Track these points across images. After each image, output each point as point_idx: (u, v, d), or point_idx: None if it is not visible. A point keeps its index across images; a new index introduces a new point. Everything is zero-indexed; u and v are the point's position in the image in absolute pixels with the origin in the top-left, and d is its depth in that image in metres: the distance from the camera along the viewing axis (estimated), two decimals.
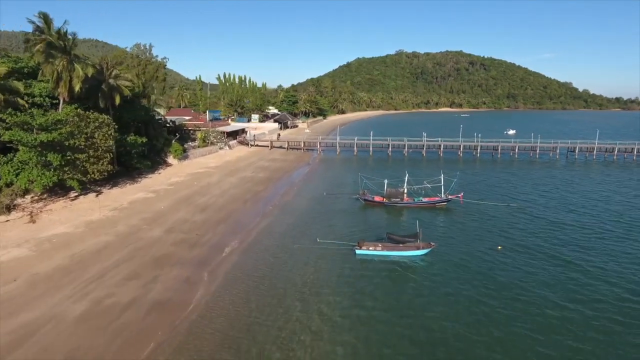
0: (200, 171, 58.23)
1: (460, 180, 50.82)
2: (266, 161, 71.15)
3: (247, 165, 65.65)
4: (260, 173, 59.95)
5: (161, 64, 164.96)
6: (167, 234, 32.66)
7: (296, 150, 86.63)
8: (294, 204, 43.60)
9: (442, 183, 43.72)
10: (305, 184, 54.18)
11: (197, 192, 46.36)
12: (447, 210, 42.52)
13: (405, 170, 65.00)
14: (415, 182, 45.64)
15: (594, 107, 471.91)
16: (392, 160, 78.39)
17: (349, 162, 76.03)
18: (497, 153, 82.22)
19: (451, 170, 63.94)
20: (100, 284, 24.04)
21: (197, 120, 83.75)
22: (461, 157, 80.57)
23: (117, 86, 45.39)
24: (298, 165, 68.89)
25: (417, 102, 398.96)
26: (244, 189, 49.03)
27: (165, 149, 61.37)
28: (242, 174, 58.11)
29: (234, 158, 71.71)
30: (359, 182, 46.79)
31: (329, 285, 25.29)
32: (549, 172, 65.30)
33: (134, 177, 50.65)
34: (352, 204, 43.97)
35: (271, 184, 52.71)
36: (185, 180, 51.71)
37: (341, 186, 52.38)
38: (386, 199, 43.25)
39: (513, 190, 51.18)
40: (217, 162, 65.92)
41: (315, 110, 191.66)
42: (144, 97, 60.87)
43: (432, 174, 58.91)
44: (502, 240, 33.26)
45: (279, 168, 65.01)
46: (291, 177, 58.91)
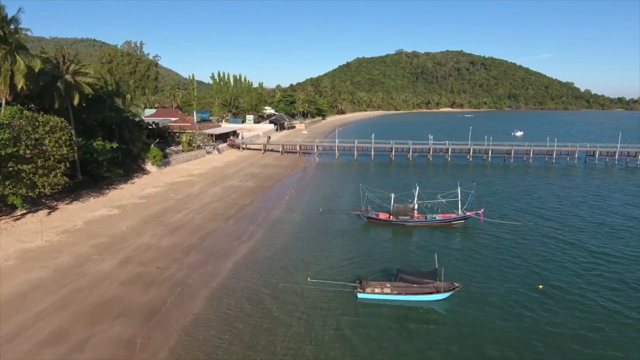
0: (180, 180, 51.57)
1: (475, 191, 44.24)
2: (257, 167, 64.51)
3: (236, 172, 59.02)
4: (249, 181, 53.31)
5: (152, 62, 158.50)
6: (121, 267, 26.00)
7: (292, 154, 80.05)
8: (283, 222, 36.94)
9: (459, 197, 37.09)
10: (298, 195, 47.54)
11: (172, 207, 39.70)
12: (465, 230, 35.91)
13: (411, 176, 58.93)
14: (427, 196, 38.95)
15: (596, 107, 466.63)
16: (395, 166, 71.78)
17: (348, 167, 69.42)
18: (509, 157, 75.64)
19: (461, 177, 57.48)
20: (6, 353, 17.39)
21: (184, 122, 77.04)
22: (471, 162, 73.97)
23: (76, 83, 38.70)
24: (292, 172, 62.25)
25: (417, 102, 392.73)
26: (228, 202, 42.38)
27: (143, 155, 54.70)
28: (229, 183, 51.46)
29: (222, 163, 65.04)
30: (360, 194, 40.12)
31: (320, 349, 18.65)
32: (570, 180, 58.56)
33: (101, 189, 43.99)
34: (353, 222, 37.32)
35: (260, 195, 46.06)
36: (161, 192, 45.05)
37: (339, 199, 45.72)
38: (393, 217, 36.61)
39: (536, 204, 44.47)
40: (202, 169, 59.26)
41: (314, 111, 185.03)
42: (118, 96, 54.19)
43: (441, 182, 52.57)
44: (538, 274, 26.63)
45: (270, 175, 58.37)
46: (283, 186, 52.28)
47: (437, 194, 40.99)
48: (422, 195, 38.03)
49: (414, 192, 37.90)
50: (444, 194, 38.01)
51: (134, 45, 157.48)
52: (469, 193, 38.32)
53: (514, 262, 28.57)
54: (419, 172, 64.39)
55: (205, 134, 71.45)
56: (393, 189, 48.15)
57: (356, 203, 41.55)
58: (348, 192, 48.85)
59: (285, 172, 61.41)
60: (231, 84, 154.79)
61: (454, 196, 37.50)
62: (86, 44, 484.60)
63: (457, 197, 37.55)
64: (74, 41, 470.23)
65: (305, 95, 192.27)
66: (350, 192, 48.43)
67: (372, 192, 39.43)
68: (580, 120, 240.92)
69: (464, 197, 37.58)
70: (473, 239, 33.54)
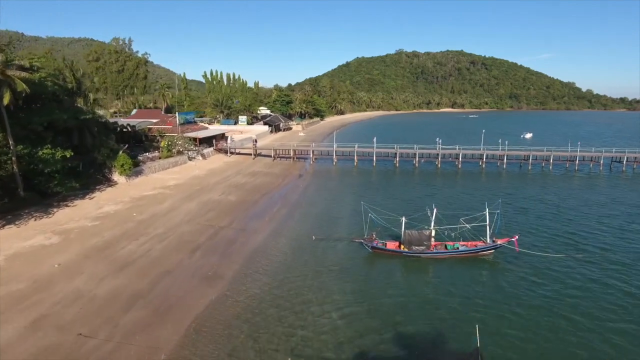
0: (151, 193, 43.96)
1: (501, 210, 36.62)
2: (244, 176, 56.90)
3: (218, 183, 51.41)
4: (231, 194, 45.72)
5: (142, 60, 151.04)
6: (27, 336, 18.42)
7: (285, 159, 72.46)
8: (265, 253, 29.31)
9: (487, 222, 29.55)
10: (288, 213, 39.93)
11: (129, 232, 32.09)
12: (498, 265, 28.36)
13: (418, 187, 51.10)
14: (444, 216, 31.32)
15: (598, 108, 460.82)
16: (400, 174, 64.21)
17: (347, 176, 61.83)
18: (526, 164, 68.13)
19: (476, 188, 49.98)
20: None
21: (165, 124, 69.41)
22: (484, 170, 66.43)
23: (5, 78, 31.02)
24: (284, 182, 54.65)
25: (418, 103, 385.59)
26: (201, 224, 34.78)
27: (109, 164, 47.08)
28: (207, 197, 43.86)
29: (205, 172, 57.40)
30: (361, 212, 32.51)
31: None
32: (607, 193, 50.44)
33: (48, 207, 36.36)
34: (354, 253, 29.73)
35: (242, 214, 38.46)
36: (122, 210, 37.41)
37: (337, 220, 37.99)
38: (405, 247, 29.08)
39: (573, 225, 36.80)
40: (179, 179, 51.64)
41: (312, 111, 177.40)
42: (79, 95, 46.58)
43: (455, 195, 44.40)
44: (613, 345, 19.15)
45: (258, 186, 50.76)
46: (272, 200, 44.69)
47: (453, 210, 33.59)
48: (440, 218, 30.46)
49: (428, 214, 30.35)
50: (468, 216, 30.45)
51: (123, 43, 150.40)
52: (494, 213, 30.74)
53: (569, 318, 21.03)
54: (426, 182, 56.85)
55: (187, 137, 63.70)
56: (401, 206, 40.99)
57: (357, 225, 34.02)
58: (347, 209, 41.27)
59: (275, 182, 53.80)
60: (224, 83, 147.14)
61: (479, 218, 29.95)
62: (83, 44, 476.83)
63: (483, 220, 30.05)
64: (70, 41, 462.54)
65: (303, 95, 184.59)
66: (350, 209, 40.88)
67: (376, 212, 31.80)
68: (586, 121, 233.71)
69: (490, 218, 30.04)
70: (506, 279, 25.95)
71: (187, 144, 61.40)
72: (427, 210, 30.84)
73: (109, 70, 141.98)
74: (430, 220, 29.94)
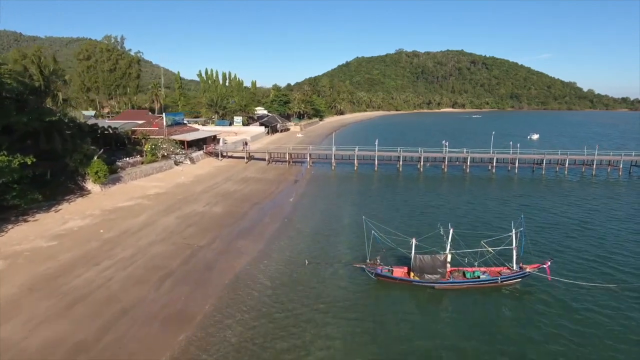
0: (126, 204, 39.20)
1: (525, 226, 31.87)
2: (235, 182, 52.16)
3: (205, 191, 46.68)
4: (218, 205, 40.97)
5: (135, 59, 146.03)
6: None
7: (281, 163, 67.73)
8: (248, 285, 24.44)
9: (514, 245, 24.83)
10: (280, 228, 35.15)
11: (91, 254, 27.32)
12: (525, 296, 23.63)
13: (424, 194, 45.95)
14: (462, 238, 26.58)
15: (600, 108, 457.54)
16: (403, 179, 59.51)
17: (347, 182, 57.09)
18: (539, 168, 63.44)
19: (484, 195, 45.08)
20: None
21: (151, 126, 64.63)
22: (494, 175, 61.70)
23: None
24: (277, 189, 49.90)
25: (418, 103, 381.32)
26: (178, 243, 30.03)
27: (82, 170, 42.33)
28: (190, 208, 39.10)
29: (191, 178, 52.65)
30: (363, 228, 27.76)
31: None
32: (634, 202, 46.09)
33: (2, 223, 31.60)
34: (354, 283, 24.95)
35: (226, 230, 33.70)
36: (88, 227, 32.65)
37: (335, 237, 33.13)
38: (416, 275, 24.32)
39: (607, 246, 31.85)
40: (162, 187, 46.90)
41: (311, 111, 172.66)
42: (47, 94, 41.85)
43: (466, 205, 38.84)
44: None
45: (248, 195, 46.03)
46: (262, 212, 39.93)
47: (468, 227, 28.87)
48: (456, 239, 25.71)
49: (441, 232, 25.63)
50: (488, 237, 25.71)
51: (115, 41, 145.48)
52: (515, 228, 25.98)
53: None
54: (433, 189, 52.13)
55: (173, 140, 58.88)
56: (407, 220, 36.24)
57: (358, 245, 29.32)
58: (347, 223, 36.50)
59: (268, 190, 49.05)
60: (219, 82, 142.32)
61: (505, 241, 25.22)
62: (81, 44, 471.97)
63: (508, 241, 25.36)
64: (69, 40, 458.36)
65: (302, 94, 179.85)
66: (350, 223, 36.13)
67: (380, 229, 27.02)
68: (589, 121, 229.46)
69: (509, 236, 25.32)
70: (550, 320, 21.15)
71: (174, 147, 56.57)
72: (439, 228, 26.18)
73: (101, 69, 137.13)
74: (444, 242, 25.24)
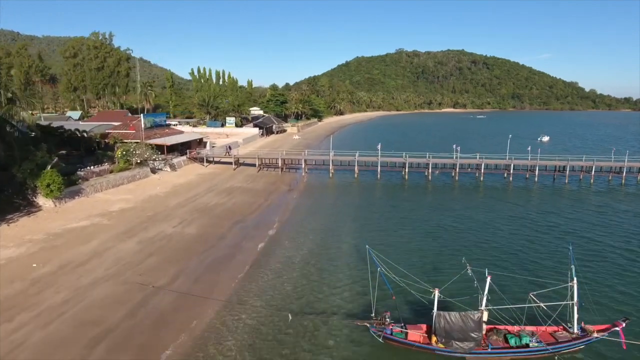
0: (80, 225, 32.50)
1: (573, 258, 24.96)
2: (218, 193, 45.52)
3: (181, 205, 40.00)
4: (193, 224, 34.30)
5: (124, 56, 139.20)
6: None
7: (273, 169, 61.03)
8: (210, 355, 17.79)
9: (575, 299, 18.17)
10: (261, 260, 28.47)
11: (8, 302, 20.62)
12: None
13: (436, 209, 36.79)
14: (498, 284, 19.83)
15: (602, 108, 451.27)
16: (410, 189, 52.89)
17: (346, 193, 50.41)
18: (561, 176, 56.79)
19: (504, 211, 37.81)
20: None
21: (128, 128, 57.90)
22: (511, 184, 55.05)
23: None
24: (266, 203, 43.23)
25: (419, 103, 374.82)
26: (130, 282, 23.35)
27: (31, 182, 35.64)
28: (157, 229, 32.40)
29: (168, 189, 45.98)
30: (365, 259, 20.99)
31: None
32: None
33: None
34: (356, 346, 18.31)
35: (195, 260, 27.03)
36: (20, 258, 25.88)
37: (331, 273, 26.36)
38: (440, 340, 17.61)
39: None
40: (130, 200, 40.21)
41: (309, 112, 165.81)
42: None
43: (486, 228, 32.19)
44: None
45: (231, 210, 39.38)
46: (244, 233, 33.24)
47: (498, 262, 22.23)
48: (494, 289, 18.94)
49: (469, 272, 18.83)
50: (535, 287, 19.06)
51: (103, 37, 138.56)
52: (562, 261, 19.19)
53: None
54: (445, 202, 45.48)
55: (149, 145, 52.04)
56: (420, 250, 29.15)
57: (359, 284, 22.72)
58: (345, 249, 29.83)
59: (255, 203, 42.39)
60: (213, 81, 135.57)
61: (561, 295, 18.56)
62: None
63: (557, 287, 18.73)
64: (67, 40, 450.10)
65: (300, 94, 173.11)
66: (350, 250, 29.49)
67: (386, 263, 20.29)
68: (596, 122, 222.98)
69: (558, 269, 18.61)
70: None
71: (149, 152, 49.76)
72: (464, 266, 19.27)
73: (88, 67, 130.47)
74: (470, 280, 18.46)
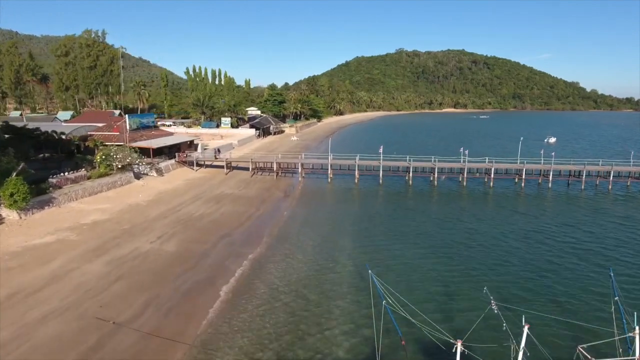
0: (43, 242, 28.60)
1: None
2: (206, 201, 41.66)
3: (163, 215, 36.12)
4: (172, 240, 30.41)
5: (116, 54, 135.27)
6: None
7: (268, 173, 57.19)
8: None
9: (637, 352, 14.31)
10: (245, 283, 24.64)
11: None
12: None
13: (446, 220, 32.89)
14: (540, 337, 15.94)
15: (604, 108, 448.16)
16: (414, 195, 49.10)
17: (346, 200, 46.60)
18: (577, 181, 53.02)
19: (518, 222, 33.12)
20: None
21: (111, 130, 53.99)
22: (523, 190, 51.22)
23: None
24: (257, 212, 39.36)
25: (420, 103, 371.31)
26: (85, 317, 19.50)
27: None
28: (131, 246, 28.54)
29: (152, 196, 42.11)
30: (368, 285, 17.26)
31: None
32: None
33: None
34: None
35: (168, 288, 23.14)
36: None
37: (324, 303, 22.40)
38: None
39: None
40: (106, 211, 36.31)
41: (308, 112, 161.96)
42: None
43: (501, 243, 27.17)
44: None
45: (219, 221, 35.52)
46: (229, 250, 29.39)
47: (526, 295, 18.50)
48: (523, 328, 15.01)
49: (493, 309, 14.74)
50: (585, 336, 15.19)
51: (95, 35, 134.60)
52: (604, 293, 15.24)
53: None
54: (454, 211, 41.64)
55: (135, 147, 48.11)
56: (430, 267, 24.80)
57: (359, 323, 18.87)
58: (344, 274, 25.96)
59: (245, 213, 38.53)
60: (209, 80, 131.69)
61: (604, 337, 14.64)
62: None
63: (608, 336, 14.79)
64: None
65: (298, 94, 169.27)
66: (348, 275, 25.64)
67: (392, 295, 16.32)
68: (600, 122, 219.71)
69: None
70: None
71: (132, 156, 45.80)
72: (489, 303, 15.25)
73: (80, 66, 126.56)
74: (510, 338, 14.54)
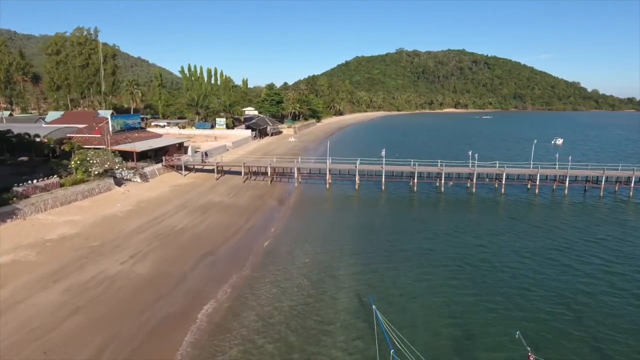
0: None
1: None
2: (190, 212, 37.78)
3: (141, 229, 32.24)
4: (146, 259, 26.55)
5: (109, 52, 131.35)
6: None
7: (262, 178, 53.31)
8: None
9: None
10: (225, 317, 20.83)
11: None
12: None
13: (451, 231, 29.72)
14: None
15: (606, 108, 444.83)
16: (419, 204, 45.28)
17: (345, 209, 42.73)
18: (595, 188, 49.21)
19: (537, 240, 28.83)
20: None
21: (92, 132, 50.09)
22: (537, 197, 47.40)
23: None
24: (247, 224, 35.49)
25: (420, 103, 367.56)
26: None
27: None
28: (97, 269, 24.69)
29: (131, 206, 38.21)
30: (372, 325, 13.72)
31: None
32: None
33: None
34: None
35: (133, 325, 19.29)
36: None
37: (319, 351, 18.74)
38: None
39: None
40: (77, 223, 32.42)
41: (307, 112, 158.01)
42: None
43: (519, 270, 22.37)
44: None
45: (202, 236, 31.67)
46: (211, 271, 25.58)
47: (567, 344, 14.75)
48: None
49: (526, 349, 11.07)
50: None
51: (87, 33, 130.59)
52: None
53: None
54: (464, 224, 37.79)
55: (117, 151, 44.20)
56: (443, 298, 20.39)
57: None
58: (341, 308, 22.10)
59: (234, 225, 34.68)
60: (204, 80, 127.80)
61: None
62: None
63: None
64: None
65: (297, 94, 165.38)
66: (347, 311, 21.82)
67: (400, 340, 12.80)
68: (603, 123, 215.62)
69: None
70: None
71: (113, 160, 41.92)
72: (526, 353, 11.77)
73: (72, 64, 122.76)
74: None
